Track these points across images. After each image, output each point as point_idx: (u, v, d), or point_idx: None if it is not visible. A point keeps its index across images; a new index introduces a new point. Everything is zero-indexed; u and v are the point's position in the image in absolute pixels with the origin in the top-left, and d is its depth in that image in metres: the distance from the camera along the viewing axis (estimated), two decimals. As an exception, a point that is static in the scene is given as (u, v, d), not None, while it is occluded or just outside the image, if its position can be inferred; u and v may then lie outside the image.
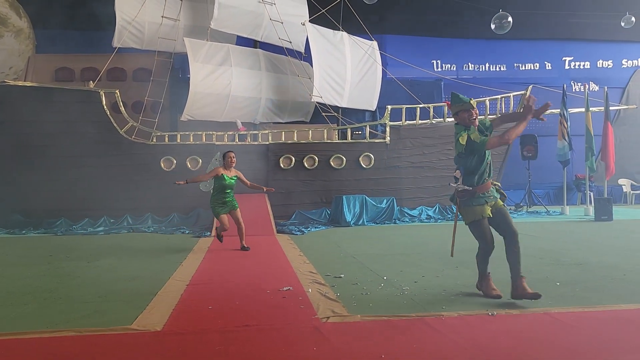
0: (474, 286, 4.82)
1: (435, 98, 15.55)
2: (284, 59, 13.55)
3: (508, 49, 17.36)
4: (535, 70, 17.73)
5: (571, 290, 4.65)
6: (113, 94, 11.82)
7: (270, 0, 13.24)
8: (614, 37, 17.21)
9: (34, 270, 6.18)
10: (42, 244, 8.88)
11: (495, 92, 13.44)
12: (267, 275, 5.65)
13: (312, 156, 12.13)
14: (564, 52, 17.69)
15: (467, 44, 17.38)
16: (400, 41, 16.61)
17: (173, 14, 13.15)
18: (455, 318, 3.80)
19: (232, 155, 7.53)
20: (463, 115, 4.32)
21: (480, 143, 4.22)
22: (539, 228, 10.19)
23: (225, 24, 12.94)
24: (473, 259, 6.33)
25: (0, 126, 11.40)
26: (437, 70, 17.07)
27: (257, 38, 13.72)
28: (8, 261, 6.97)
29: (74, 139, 11.30)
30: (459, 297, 4.51)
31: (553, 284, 4.91)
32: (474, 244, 4.67)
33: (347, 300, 4.40)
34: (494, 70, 17.66)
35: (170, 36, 13.01)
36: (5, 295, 4.79)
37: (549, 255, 6.63)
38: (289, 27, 13.31)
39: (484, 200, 4.31)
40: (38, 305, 4.38)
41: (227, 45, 13.12)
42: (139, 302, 4.39)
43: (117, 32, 12.61)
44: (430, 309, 4.07)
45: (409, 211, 12.29)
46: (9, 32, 14.31)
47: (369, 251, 7.43)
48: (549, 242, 7.96)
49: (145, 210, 11.50)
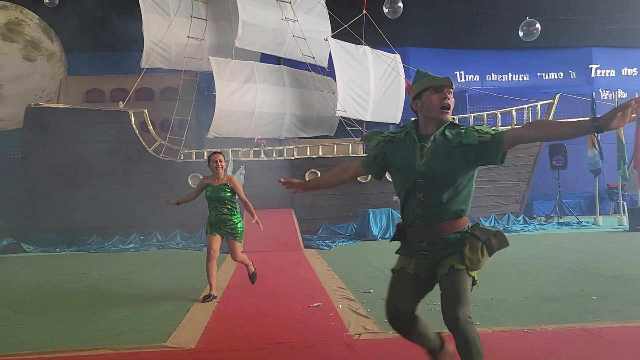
0: (506, 300, 4.75)
1: (460, 109, 15.44)
2: (307, 75, 13.69)
3: (531, 58, 17.18)
4: (559, 79, 17.49)
5: (608, 304, 4.53)
6: (142, 113, 12.11)
7: (293, 17, 13.42)
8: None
9: (69, 288, 6.33)
10: (75, 262, 9.08)
11: (520, 102, 13.29)
12: (296, 291, 5.66)
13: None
14: (590, 59, 17.41)
15: (489, 55, 17.28)
16: (423, 53, 16.61)
17: (198, 34, 13.45)
18: (489, 335, 3.74)
19: (219, 159, 5.51)
20: (431, 97, 2.47)
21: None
22: (572, 239, 9.97)
23: (249, 42, 13.17)
24: (503, 272, 6.28)
25: (34, 147, 11.80)
26: (460, 81, 16.99)
27: (281, 55, 13.90)
28: (43, 279, 7.15)
29: (105, 158, 11.57)
30: (491, 312, 4.43)
31: (589, 298, 4.79)
32: (503, 256, 4.58)
33: (378, 317, 4.36)
34: (517, 80, 17.49)
35: (196, 55, 13.29)
36: (42, 314, 4.91)
37: (583, 268, 6.47)
38: (311, 43, 13.46)
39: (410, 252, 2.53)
40: (74, 323, 4.48)
41: (252, 63, 13.33)
42: (172, 319, 4.45)
43: (145, 53, 12.94)
44: (463, 324, 4.01)
45: (436, 224, 12.15)
46: (42, 56, 14.83)
47: (397, 265, 7.37)
48: (582, 254, 7.77)
49: (174, 227, 11.67)
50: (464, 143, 2.36)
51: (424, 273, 2.48)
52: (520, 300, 4.80)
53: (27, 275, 7.61)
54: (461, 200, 2.42)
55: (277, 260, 8.19)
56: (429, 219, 2.41)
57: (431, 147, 2.40)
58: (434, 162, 2.38)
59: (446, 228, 2.41)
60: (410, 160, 2.43)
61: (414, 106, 2.53)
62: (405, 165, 2.46)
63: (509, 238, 2.50)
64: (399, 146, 2.52)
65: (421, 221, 2.43)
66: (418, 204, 2.42)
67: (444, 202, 2.39)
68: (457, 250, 2.39)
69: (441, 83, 2.47)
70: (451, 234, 2.41)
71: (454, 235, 2.42)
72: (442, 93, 2.46)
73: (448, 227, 2.41)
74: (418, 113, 2.52)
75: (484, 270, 4.81)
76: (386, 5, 13.06)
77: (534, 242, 9.57)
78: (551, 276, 5.96)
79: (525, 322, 4.05)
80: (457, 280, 2.36)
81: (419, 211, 2.42)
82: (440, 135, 2.42)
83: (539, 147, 13.12)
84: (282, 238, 10.17)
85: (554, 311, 4.35)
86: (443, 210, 2.40)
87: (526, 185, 13.21)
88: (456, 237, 2.42)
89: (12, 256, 10.31)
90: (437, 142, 2.40)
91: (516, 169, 13.02)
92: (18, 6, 14.87)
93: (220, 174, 5.54)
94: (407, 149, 2.47)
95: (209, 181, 5.60)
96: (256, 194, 11.57)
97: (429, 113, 2.46)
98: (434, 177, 2.37)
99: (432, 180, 2.38)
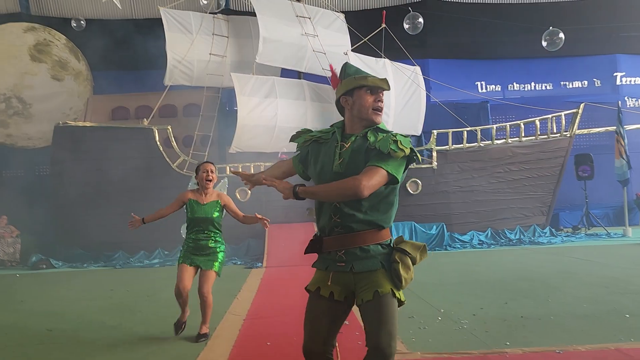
0: (536, 318, 4.67)
1: (482, 120, 15.32)
2: (328, 89, 13.75)
3: (554, 66, 16.92)
4: (584, 87, 17.20)
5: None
6: (165, 129, 12.32)
7: (313, 32, 13.54)
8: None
9: (98, 305, 6.43)
10: (102, 278, 9.23)
11: (543, 112, 13.12)
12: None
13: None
14: (615, 67, 17.09)
15: (511, 64, 17.10)
16: (443, 64, 16.55)
17: (220, 50, 13.65)
18: (520, 356, 3.68)
19: (210, 169, 4.60)
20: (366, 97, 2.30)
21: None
22: (601, 252, 9.74)
23: (270, 58, 13.31)
24: (532, 287, 6.18)
25: (62, 164, 12.08)
26: (482, 91, 16.85)
27: (301, 69, 14.01)
28: (73, 297, 7.27)
29: (130, 174, 11.78)
30: (521, 331, 4.36)
31: (622, 316, 4.68)
32: (531, 271, 4.51)
33: (406, 336, 4.34)
34: (540, 90, 17.27)
35: (218, 72, 13.49)
36: (74, 334, 4.99)
37: (614, 284, 6.32)
38: (331, 57, 13.51)
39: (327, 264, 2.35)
40: (106, 343, 4.55)
41: (272, 78, 13.46)
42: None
43: (168, 70, 13.17)
44: (493, 345, 3.96)
45: (459, 237, 12.05)
46: (69, 75, 15.22)
47: (422, 280, 7.30)
48: (613, 269, 7.59)
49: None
50: (377, 147, 2.20)
51: (339, 294, 2.27)
52: (551, 318, 4.71)
53: (57, 292, 7.76)
54: (382, 211, 2.25)
55: (302, 276, 8.17)
56: (347, 227, 2.23)
57: (350, 147, 2.24)
58: (351, 163, 2.21)
59: (366, 238, 2.24)
60: (329, 161, 2.28)
61: (343, 102, 2.33)
62: (323, 166, 2.30)
63: (533, 251, 2.48)
64: (322, 146, 2.36)
65: (339, 229, 2.25)
66: (335, 212, 2.24)
67: (363, 211, 2.21)
68: (377, 267, 2.22)
69: (378, 84, 2.29)
70: (372, 245, 2.24)
71: (375, 247, 2.25)
72: (377, 95, 2.31)
73: (369, 237, 2.24)
74: (346, 110, 2.34)
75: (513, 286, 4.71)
76: (407, 21, 13.12)
77: (562, 256, 9.39)
78: (582, 292, 5.84)
79: (557, 341, 3.97)
80: (385, 308, 2.15)
81: (337, 220, 2.24)
82: (362, 136, 2.27)
83: (564, 157, 12.91)
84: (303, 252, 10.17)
85: (586, 330, 4.27)
86: (362, 220, 2.22)
87: (552, 196, 12.99)
88: (377, 249, 2.25)
89: (42, 272, 10.53)
90: (357, 143, 2.25)
91: (541, 180, 12.82)
92: (46, 27, 15.33)
93: (209, 189, 4.60)
94: (329, 149, 2.32)
95: (194, 197, 4.58)
96: (277, 208, 11.68)
97: (360, 113, 2.29)
98: None
99: None
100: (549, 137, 12.81)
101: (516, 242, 11.84)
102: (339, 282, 2.27)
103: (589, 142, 15.99)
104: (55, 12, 16.85)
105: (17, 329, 5.20)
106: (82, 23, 14.45)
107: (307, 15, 13.68)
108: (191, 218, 4.56)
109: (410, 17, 13.06)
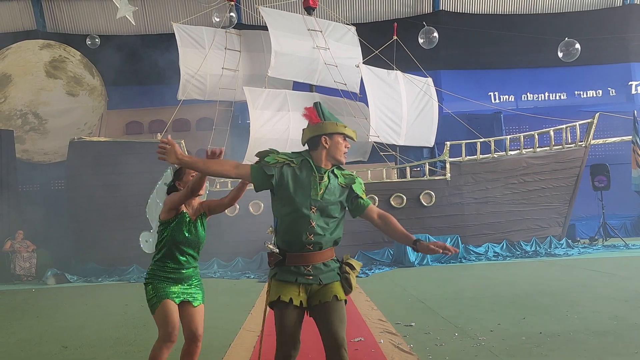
0: (555, 335, 4.57)
1: (495, 131, 15.21)
2: (340, 101, 13.78)
3: (567, 76, 16.79)
4: (598, 97, 17.04)
5: (666, 339, 4.31)
6: (179, 144, 12.39)
7: (325, 45, 13.61)
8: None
9: (113, 320, 6.43)
10: (117, 292, 9.27)
11: (558, 122, 13.00)
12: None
13: (372, 196, 12.07)
14: (630, 76, 16.92)
15: (524, 74, 17.00)
16: (456, 75, 16.51)
17: (232, 65, 13.77)
18: (541, 374, 3.60)
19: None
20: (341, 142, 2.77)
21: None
22: (620, 265, 9.56)
23: (282, 71, 13.39)
24: (551, 302, 6.07)
25: (77, 179, 12.21)
26: (495, 102, 16.76)
27: (313, 82, 14.07)
28: (88, 311, 7.30)
29: (143, 189, 11.85)
30: (541, 348, 4.27)
31: (645, 332, 4.56)
32: (550, 285, 4.43)
33: (422, 353, 4.27)
34: (554, 99, 17.14)
35: (231, 86, 13.60)
36: (88, 349, 5.00)
37: (635, 297, 6.18)
38: (343, 70, 13.58)
39: (295, 277, 2.68)
40: (121, 359, 4.54)
41: (285, 91, 13.52)
42: (215, 355, 4.46)
43: (181, 85, 13.31)
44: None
45: (474, 249, 11.92)
46: (84, 91, 15.47)
47: (437, 294, 7.23)
48: (633, 281, 7.43)
49: (211, 255, 11.79)
50: (352, 188, 2.80)
51: (305, 302, 2.69)
52: (570, 334, 4.61)
53: (72, 307, 7.79)
54: (338, 232, 2.78)
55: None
56: (318, 245, 2.68)
57: (326, 181, 2.72)
58: (329, 195, 2.71)
59: (328, 254, 2.73)
60: (307, 188, 2.68)
61: (324, 141, 2.74)
62: (302, 192, 2.67)
63: (549, 263, 2.60)
64: (296, 172, 2.71)
65: (311, 247, 2.67)
66: (310, 231, 2.66)
67: (330, 232, 2.71)
68: (337, 278, 2.73)
69: (352, 136, 2.84)
70: (330, 260, 2.74)
71: (332, 262, 2.75)
72: (346, 141, 2.82)
73: (329, 253, 2.74)
74: (321, 147, 2.74)
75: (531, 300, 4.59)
76: (421, 36, 13.14)
77: (580, 268, 9.24)
78: (601, 307, 5.72)
79: (578, 359, 3.88)
80: (341, 309, 2.69)
81: (311, 238, 2.66)
82: (332, 173, 2.78)
83: (580, 167, 12.75)
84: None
85: (607, 347, 4.16)
86: (329, 239, 2.71)
87: (568, 206, 12.82)
88: (333, 263, 2.75)
89: (57, 287, 10.60)
90: (331, 179, 2.76)
91: (557, 191, 12.65)
92: (62, 44, 15.62)
93: (195, 202, 3.38)
94: (305, 177, 2.71)
95: (186, 210, 3.31)
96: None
97: (334, 153, 2.76)
98: (326, 208, 2.69)
99: (325, 210, 2.69)
100: (564, 148, 12.67)
101: (532, 254, 11.67)
102: (305, 291, 2.70)
103: (604, 152, 15.80)
104: (70, 28, 17.17)
105: (33, 346, 5.21)
106: (97, 41, 14.68)
107: (318, 29, 13.76)
108: (181, 240, 3.27)
109: (425, 31, 13.10)
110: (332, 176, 2.77)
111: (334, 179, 2.77)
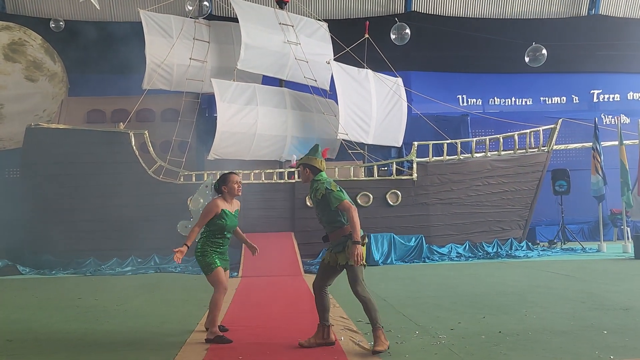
0: (514, 334, 4.59)
1: (462, 133, 15.40)
2: (309, 97, 13.67)
3: (534, 82, 17.19)
4: (562, 103, 17.51)
5: (620, 340, 4.36)
6: (142, 134, 12.04)
7: (296, 40, 13.47)
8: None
9: (63, 314, 6.16)
10: (71, 285, 8.91)
11: (522, 127, 13.24)
12: (296, 321, 5.50)
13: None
14: (592, 84, 17.44)
15: (492, 78, 17.32)
16: (425, 77, 16.64)
17: (201, 55, 13.47)
18: (500, 372, 3.58)
19: (239, 180, 4.94)
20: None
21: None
22: (576, 267, 9.80)
23: (251, 65, 13.17)
24: (509, 302, 6.12)
25: (33, 167, 11.71)
26: (462, 105, 16.98)
27: (283, 77, 13.91)
28: (38, 304, 6.97)
29: (104, 180, 11.47)
30: (499, 347, 4.26)
31: (599, 333, 4.62)
32: (509, 285, 4.44)
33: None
34: (520, 105, 17.51)
35: (198, 77, 13.30)
36: (35, 343, 4.74)
37: (590, 299, 6.30)
38: (314, 66, 13.48)
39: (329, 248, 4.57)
40: (68, 354, 4.32)
41: (253, 85, 13.31)
42: (168, 351, 4.30)
43: (147, 74, 12.93)
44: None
45: (438, 249, 12.01)
46: (44, 76, 14.86)
47: (399, 293, 7.21)
48: (589, 284, 7.60)
49: (173, 249, 11.48)
50: (328, 197, 4.36)
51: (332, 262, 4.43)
52: (529, 334, 4.63)
53: (21, 300, 7.44)
54: (332, 220, 4.44)
55: (277, 287, 8.01)
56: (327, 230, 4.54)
57: (310, 193, 4.57)
58: (313, 200, 4.62)
59: (337, 234, 4.45)
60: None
61: (308, 173, 4.56)
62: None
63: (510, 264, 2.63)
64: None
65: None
66: (321, 224, 4.63)
67: (325, 224, 4.52)
68: (342, 249, 4.36)
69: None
70: (342, 237, 4.39)
71: (342, 238, 4.38)
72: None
73: (338, 232, 4.44)
74: (303, 174, 4.58)
75: (491, 300, 4.60)
76: (394, 32, 13.11)
77: (539, 270, 9.40)
78: (559, 307, 5.80)
79: (536, 358, 3.88)
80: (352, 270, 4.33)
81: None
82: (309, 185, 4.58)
83: (542, 172, 13.02)
84: (281, 263, 10.01)
85: (565, 347, 4.19)
86: (326, 226, 4.52)
87: (529, 210, 13.07)
88: (341, 239, 4.39)
89: (7, 278, 10.13)
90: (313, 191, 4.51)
91: (519, 194, 12.89)
92: (22, 27, 14.95)
93: (234, 201, 5.00)
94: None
95: (226, 207, 4.83)
96: (257, 217, 11.49)
97: (308, 180, 4.59)
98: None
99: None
100: (527, 152, 12.92)
101: (493, 255, 11.86)
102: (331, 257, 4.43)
103: (566, 158, 16.19)
104: (31, 11, 16.52)
105: (-26, 339, 4.91)
106: (61, 24, 14.13)
107: (290, 23, 13.61)
108: (225, 226, 4.82)
109: (397, 27, 13.07)
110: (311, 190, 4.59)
111: (316, 192, 4.50)
